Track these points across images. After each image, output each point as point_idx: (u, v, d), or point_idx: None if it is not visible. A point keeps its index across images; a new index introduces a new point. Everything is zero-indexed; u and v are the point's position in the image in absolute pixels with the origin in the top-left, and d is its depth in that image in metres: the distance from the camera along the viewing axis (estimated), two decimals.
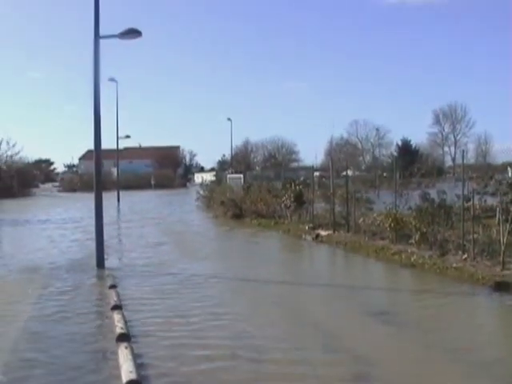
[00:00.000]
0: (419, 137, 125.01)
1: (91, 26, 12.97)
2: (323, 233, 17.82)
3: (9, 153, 62.09)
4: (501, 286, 9.97)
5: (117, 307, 8.73)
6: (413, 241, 13.92)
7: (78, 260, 14.22)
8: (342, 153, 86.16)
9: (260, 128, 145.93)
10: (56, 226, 24.10)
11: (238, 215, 25.68)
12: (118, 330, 7.34)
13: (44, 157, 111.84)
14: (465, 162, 15.52)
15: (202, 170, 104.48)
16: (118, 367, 6.08)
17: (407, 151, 75.00)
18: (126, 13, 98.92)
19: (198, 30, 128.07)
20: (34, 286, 11.09)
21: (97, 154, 13.30)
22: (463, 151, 21.33)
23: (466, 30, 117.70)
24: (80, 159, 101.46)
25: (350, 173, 29.24)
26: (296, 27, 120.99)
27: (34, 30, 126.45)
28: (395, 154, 77.15)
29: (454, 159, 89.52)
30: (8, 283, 11.55)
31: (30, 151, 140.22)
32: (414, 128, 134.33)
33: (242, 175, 34.75)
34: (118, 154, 47.75)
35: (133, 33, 13.61)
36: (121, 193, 44.73)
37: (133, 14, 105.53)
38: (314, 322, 8.36)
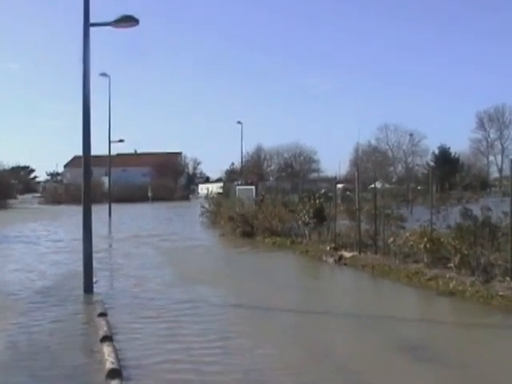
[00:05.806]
0: (460, 144, 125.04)
1: (81, 14, 13.00)
2: (347, 254, 17.80)
3: None
4: None
5: (107, 338, 8.75)
6: (452, 264, 13.88)
7: (63, 284, 14.31)
8: (370, 162, 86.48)
9: (275, 133, 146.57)
10: (37, 245, 24.24)
11: (249, 233, 25.74)
12: (109, 365, 7.36)
13: (23, 163, 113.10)
14: None
15: (207, 180, 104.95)
16: None
17: (446, 160, 75.03)
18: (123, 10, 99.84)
19: (203, 25, 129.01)
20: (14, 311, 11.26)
21: (86, 160, 13.09)
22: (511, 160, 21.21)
23: None
24: (65, 166, 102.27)
25: (378, 185, 29.26)
26: (315, 17, 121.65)
27: (14, 16, 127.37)
28: (432, 163, 77.20)
29: (500, 170, 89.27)
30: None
31: (6, 156, 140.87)
32: (454, 134, 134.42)
33: (253, 187, 34.81)
34: (110, 160, 47.71)
35: (128, 20, 13.33)
36: (113, 206, 44.71)
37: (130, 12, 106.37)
38: (340, 356, 8.36)
